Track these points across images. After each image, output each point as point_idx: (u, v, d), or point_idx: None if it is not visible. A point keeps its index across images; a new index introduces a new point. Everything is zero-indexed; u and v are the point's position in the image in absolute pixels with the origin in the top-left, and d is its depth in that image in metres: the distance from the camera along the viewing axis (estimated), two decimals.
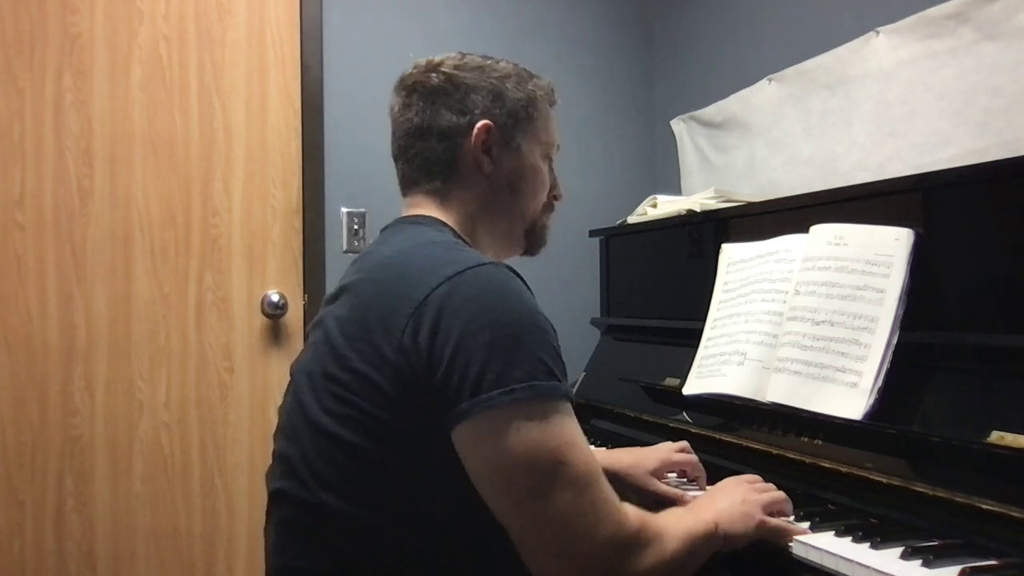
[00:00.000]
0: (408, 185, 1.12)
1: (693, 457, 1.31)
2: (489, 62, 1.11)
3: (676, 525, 0.93)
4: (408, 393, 0.88)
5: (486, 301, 0.89)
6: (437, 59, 1.10)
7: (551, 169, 1.17)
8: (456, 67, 1.09)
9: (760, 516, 1.03)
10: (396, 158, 1.13)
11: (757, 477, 1.13)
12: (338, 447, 0.92)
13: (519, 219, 1.13)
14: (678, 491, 1.24)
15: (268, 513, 1.03)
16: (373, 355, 0.90)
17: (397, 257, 0.98)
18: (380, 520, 0.91)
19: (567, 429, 0.87)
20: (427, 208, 1.08)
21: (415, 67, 1.11)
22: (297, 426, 0.97)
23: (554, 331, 0.92)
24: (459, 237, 1.05)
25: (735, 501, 1.04)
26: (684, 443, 1.34)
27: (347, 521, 0.91)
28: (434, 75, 1.08)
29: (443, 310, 0.88)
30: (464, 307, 0.88)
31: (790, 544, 1.01)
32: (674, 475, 1.32)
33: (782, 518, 1.07)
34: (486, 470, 0.87)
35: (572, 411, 0.90)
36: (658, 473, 1.28)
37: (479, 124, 1.06)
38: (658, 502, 1.22)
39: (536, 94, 1.12)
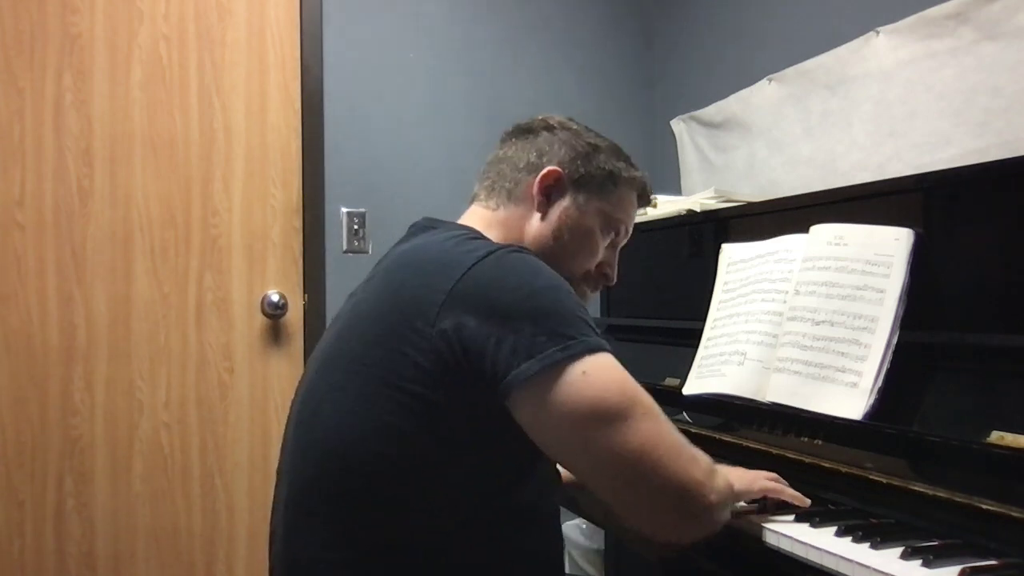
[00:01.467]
0: (472, 199, 1.16)
1: None
2: (592, 133, 1.16)
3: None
4: (446, 370, 0.89)
5: (522, 274, 0.92)
6: (553, 116, 1.17)
7: (612, 248, 1.19)
8: (559, 123, 1.16)
9: (758, 479, 1.09)
10: (477, 179, 1.18)
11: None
12: (365, 424, 0.91)
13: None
14: None
15: (276, 502, 1.03)
16: (409, 332, 0.91)
17: (426, 246, 1.01)
18: (401, 503, 0.91)
19: (624, 371, 0.91)
20: (473, 221, 1.11)
21: (531, 118, 1.18)
22: (316, 411, 0.97)
23: None
24: None
25: (733, 468, 1.11)
26: None
27: (366, 505, 0.91)
28: (538, 121, 1.15)
29: (482, 287, 0.90)
30: (503, 281, 0.91)
31: (766, 534, 1.01)
32: None
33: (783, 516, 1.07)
34: (562, 423, 0.88)
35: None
36: None
37: (548, 168, 1.10)
38: None
39: (622, 175, 1.15)
